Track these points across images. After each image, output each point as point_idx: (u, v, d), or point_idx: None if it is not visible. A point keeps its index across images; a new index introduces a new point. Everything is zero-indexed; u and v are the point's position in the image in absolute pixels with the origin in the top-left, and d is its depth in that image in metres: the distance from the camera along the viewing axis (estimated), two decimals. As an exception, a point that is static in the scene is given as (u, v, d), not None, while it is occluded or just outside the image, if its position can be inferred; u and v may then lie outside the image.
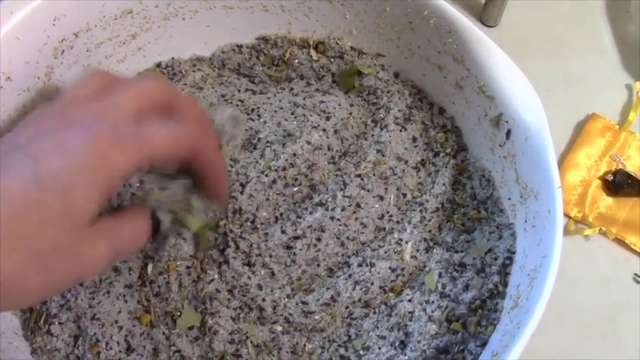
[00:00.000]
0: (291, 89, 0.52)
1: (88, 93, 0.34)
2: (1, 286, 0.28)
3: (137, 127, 0.32)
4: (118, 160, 0.31)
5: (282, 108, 0.50)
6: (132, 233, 0.35)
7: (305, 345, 0.44)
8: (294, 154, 0.47)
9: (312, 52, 0.53)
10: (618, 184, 0.55)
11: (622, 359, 0.50)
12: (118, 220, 0.34)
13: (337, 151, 0.49)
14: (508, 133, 0.45)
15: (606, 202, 0.55)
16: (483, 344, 0.41)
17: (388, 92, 0.51)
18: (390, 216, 0.47)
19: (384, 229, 0.47)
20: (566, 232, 0.54)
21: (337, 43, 0.52)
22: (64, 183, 0.29)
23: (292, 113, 0.49)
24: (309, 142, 0.47)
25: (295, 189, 0.47)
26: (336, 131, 0.49)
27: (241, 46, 0.54)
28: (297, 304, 0.45)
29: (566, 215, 0.55)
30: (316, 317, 0.45)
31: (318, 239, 0.46)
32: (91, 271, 0.32)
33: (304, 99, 0.51)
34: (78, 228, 0.30)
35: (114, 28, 0.48)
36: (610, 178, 0.56)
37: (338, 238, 0.46)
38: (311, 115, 0.49)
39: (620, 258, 0.54)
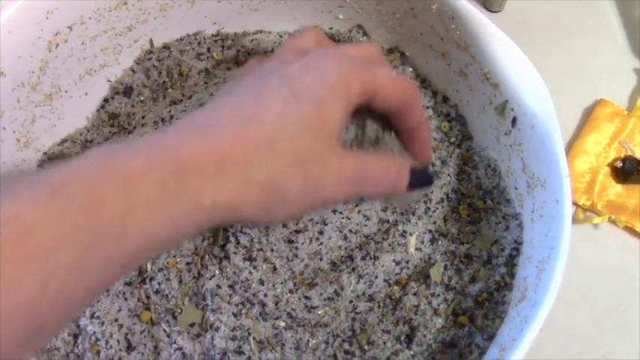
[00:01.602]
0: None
1: (307, 44, 0.36)
2: (270, 191, 0.30)
3: (370, 65, 0.34)
4: (355, 86, 0.32)
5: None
6: (382, 169, 0.34)
7: (309, 340, 0.43)
8: None
9: None
10: (627, 170, 0.54)
11: (633, 349, 0.49)
12: (368, 153, 0.35)
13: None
14: (514, 120, 0.43)
15: (615, 189, 0.54)
16: (490, 338, 0.40)
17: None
18: (394, 208, 0.46)
19: (388, 221, 0.46)
20: (575, 220, 0.53)
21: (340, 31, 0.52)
22: (317, 95, 0.31)
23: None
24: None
25: None
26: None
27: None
28: (299, 299, 0.44)
29: (575, 203, 0.54)
30: (320, 312, 0.44)
31: (321, 232, 0.45)
32: (333, 191, 0.32)
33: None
34: (328, 138, 0.32)
35: (109, 21, 0.47)
36: (619, 164, 0.54)
37: (341, 232, 0.45)
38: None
39: (630, 246, 0.53)
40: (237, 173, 0.29)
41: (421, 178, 0.36)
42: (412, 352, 0.42)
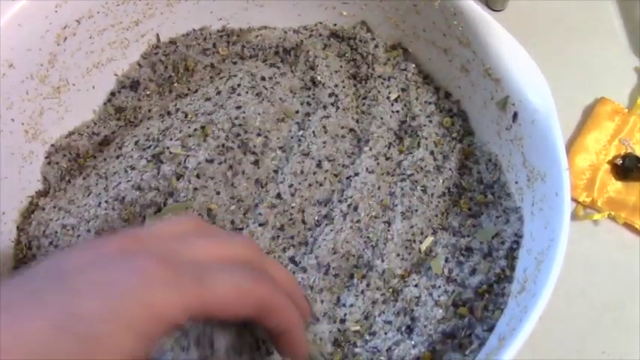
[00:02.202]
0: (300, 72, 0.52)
1: (174, 232, 0.31)
2: None
3: (202, 271, 0.28)
4: (166, 304, 0.27)
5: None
6: None
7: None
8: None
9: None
10: (627, 168, 0.54)
11: (631, 344, 0.50)
12: None
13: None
14: (515, 115, 0.44)
15: (615, 186, 0.55)
16: (490, 329, 0.41)
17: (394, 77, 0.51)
18: (395, 199, 0.47)
19: (388, 219, 0.47)
20: (575, 217, 0.54)
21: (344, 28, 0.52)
22: (90, 330, 0.25)
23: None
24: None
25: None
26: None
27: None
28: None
29: (575, 200, 0.54)
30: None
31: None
32: None
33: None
34: None
35: (116, 15, 0.48)
36: (619, 162, 0.55)
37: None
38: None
39: (629, 242, 0.53)
40: None
41: None
42: (413, 343, 0.42)
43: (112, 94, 0.51)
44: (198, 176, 0.45)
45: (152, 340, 0.27)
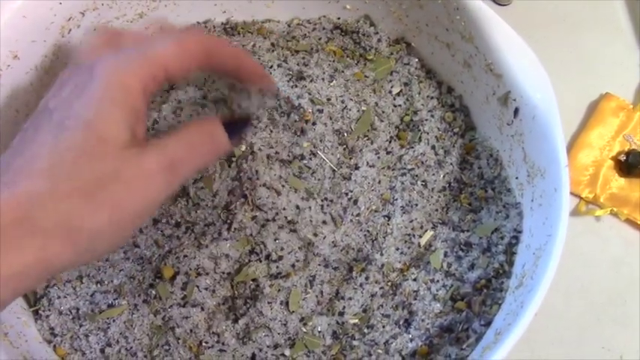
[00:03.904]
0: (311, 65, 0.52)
1: (88, 55, 0.35)
2: (71, 235, 0.29)
3: (139, 46, 0.33)
4: (132, 83, 0.31)
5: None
6: (188, 144, 0.33)
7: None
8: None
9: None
10: (631, 164, 0.54)
11: (632, 340, 0.50)
12: (170, 135, 0.33)
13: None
14: (516, 111, 0.44)
15: (618, 182, 0.55)
16: (488, 323, 0.41)
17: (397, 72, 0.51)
18: (396, 193, 0.47)
19: (388, 214, 0.47)
20: (577, 213, 0.54)
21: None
22: (85, 118, 0.30)
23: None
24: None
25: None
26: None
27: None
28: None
29: (578, 196, 0.54)
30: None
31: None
32: (148, 194, 0.31)
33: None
34: (113, 151, 0.30)
35: (121, 7, 0.48)
36: (623, 158, 0.55)
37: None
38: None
39: (631, 239, 0.53)
40: (28, 232, 0.28)
41: (236, 127, 0.36)
42: (410, 336, 0.43)
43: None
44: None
45: (135, 110, 0.32)
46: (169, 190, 0.32)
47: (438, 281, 0.44)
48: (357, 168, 0.48)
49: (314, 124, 0.47)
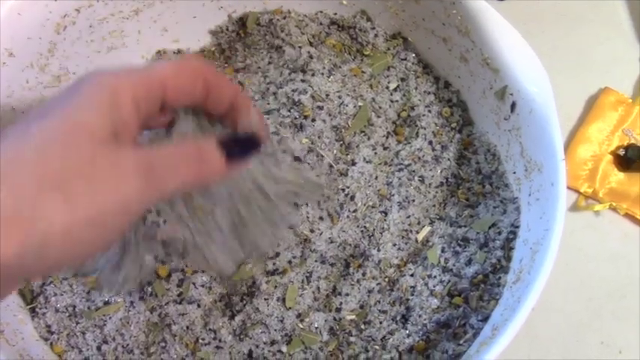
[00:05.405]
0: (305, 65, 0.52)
1: None
2: (30, 233, 0.25)
3: (146, 67, 0.32)
4: (118, 84, 0.29)
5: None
6: (173, 154, 0.30)
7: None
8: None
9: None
10: (630, 158, 0.54)
11: (631, 335, 0.50)
12: (161, 146, 0.31)
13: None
14: (513, 105, 0.44)
15: (617, 177, 0.54)
16: (485, 319, 0.41)
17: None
18: (393, 189, 0.47)
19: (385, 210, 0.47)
20: (576, 207, 0.53)
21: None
22: (63, 104, 0.28)
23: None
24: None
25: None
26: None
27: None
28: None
29: (577, 191, 0.54)
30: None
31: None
32: (120, 193, 0.28)
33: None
34: (89, 144, 0.28)
35: (116, 4, 0.48)
36: (622, 152, 0.54)
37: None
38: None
39: (630, 233, 0.53)
40: None
41: (243, 144, 0.33)
42: (407, 332, 0.42)
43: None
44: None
45: (118, 112, 0.29)
46: (145, 198, 0.29)
47: (435, 277, 0.44)
48: (353, 164, 0.48)
49: (313, 120, 0.47)
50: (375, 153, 0.48)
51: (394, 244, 0.46)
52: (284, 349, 0.43)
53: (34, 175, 0.26)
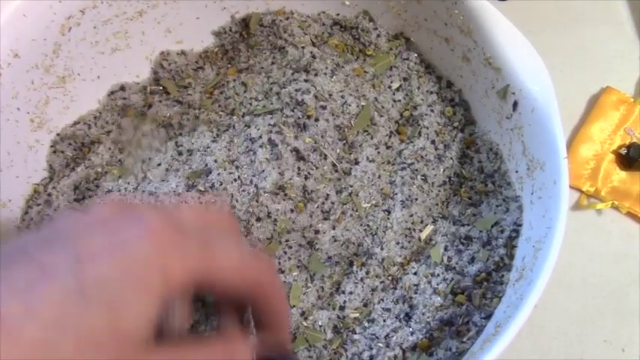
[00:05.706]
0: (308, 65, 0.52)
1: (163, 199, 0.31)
2: None
3: (207, 237, 0.27)
4: (176, 268, 0.25)
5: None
6: (206, 356, 0.28)
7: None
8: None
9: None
10: (632, 157, 0.54)
11: (633, 333, 0.50)
12: (194, 343, 0.28)
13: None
14: (515, 104, 0.44)
15: (620, 176, 0.55)
16: (488, 316, 0.41)
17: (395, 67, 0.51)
18: (396, 188, 0.47)
19: (388, 209, 0.47)
20: (579, 206, 0.54)
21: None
22: (111, 292, 0.24)
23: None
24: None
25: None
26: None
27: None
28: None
29: (579, 190, 0.54)
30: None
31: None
32: None
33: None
34: (126, 351, 0.24)
35: (120, 5, 0.49)
36: (624, 151, 0.55)
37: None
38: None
39: (632, 232, 0.53)
40: None
41: None
42: (411, 330, 0.43)
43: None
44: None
45: (163, 308, 0.26)
46: None
47: (438, 275, 0.44)
48: (357, 163, 0.48)
49: (316, 119, 0.48)
50: (378, 152, 0.48)
51: (397, 243, 0.46)
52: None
53: None
